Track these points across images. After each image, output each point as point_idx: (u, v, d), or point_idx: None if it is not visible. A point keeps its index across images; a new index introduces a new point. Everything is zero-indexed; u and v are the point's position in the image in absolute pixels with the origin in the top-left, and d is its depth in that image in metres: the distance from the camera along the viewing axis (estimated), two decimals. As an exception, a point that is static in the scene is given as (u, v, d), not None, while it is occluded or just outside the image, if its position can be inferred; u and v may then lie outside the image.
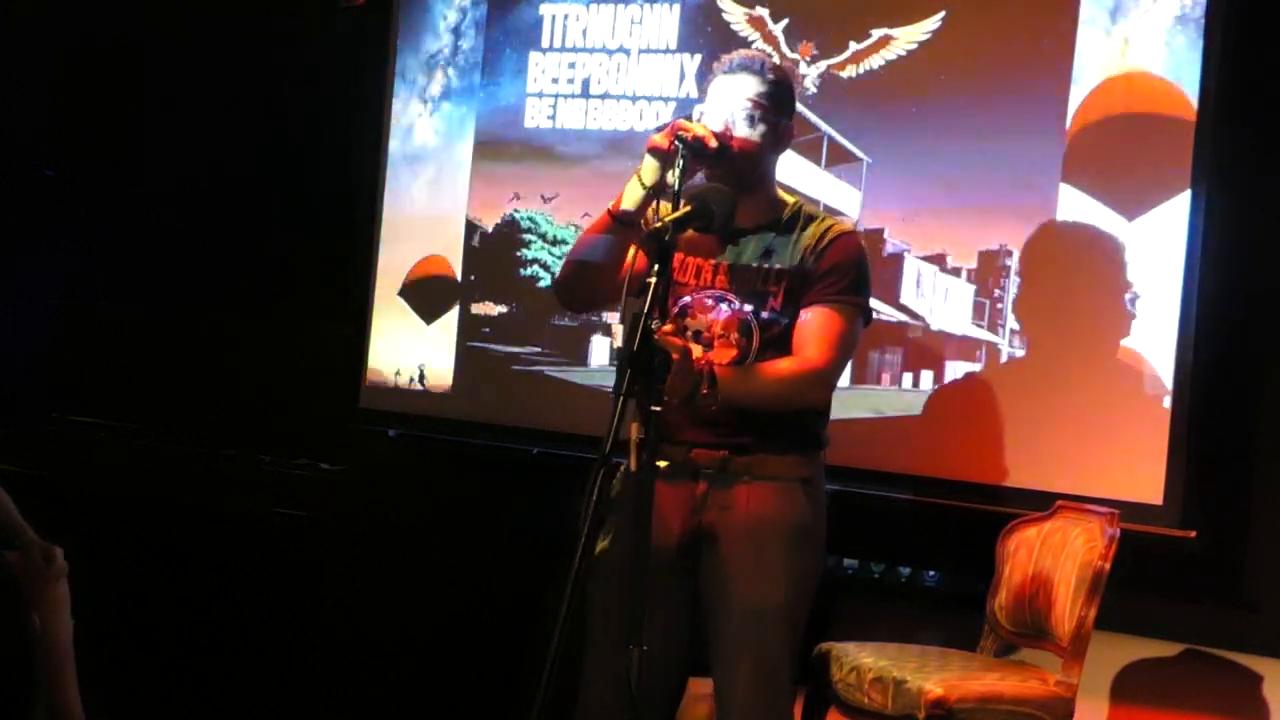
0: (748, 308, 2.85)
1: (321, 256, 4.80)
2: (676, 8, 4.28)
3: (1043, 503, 3.49)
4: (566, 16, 4.45)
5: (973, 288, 3.84)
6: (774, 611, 2.83)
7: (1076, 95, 3.74)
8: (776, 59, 3.16)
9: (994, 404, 3.78)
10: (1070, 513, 3.39)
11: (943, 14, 3.89)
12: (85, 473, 4.45)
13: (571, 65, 4.44)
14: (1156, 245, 3.63)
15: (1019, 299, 3.79)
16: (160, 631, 4.19)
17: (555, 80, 4.46)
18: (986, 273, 3.82)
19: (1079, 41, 3.75)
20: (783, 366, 2.82)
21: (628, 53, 4.35)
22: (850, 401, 3.89)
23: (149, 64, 5.07)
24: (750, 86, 2.87)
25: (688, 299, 2.89)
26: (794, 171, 3.92)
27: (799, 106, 3.93)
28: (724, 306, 2.87)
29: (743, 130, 2.85)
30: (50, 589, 3.31)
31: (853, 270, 2.88)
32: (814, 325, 2.84)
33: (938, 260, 3.88)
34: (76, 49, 5.07)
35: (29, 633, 3.14)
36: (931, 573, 3.94)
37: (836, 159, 4.01)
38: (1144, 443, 3.59)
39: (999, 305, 3.80)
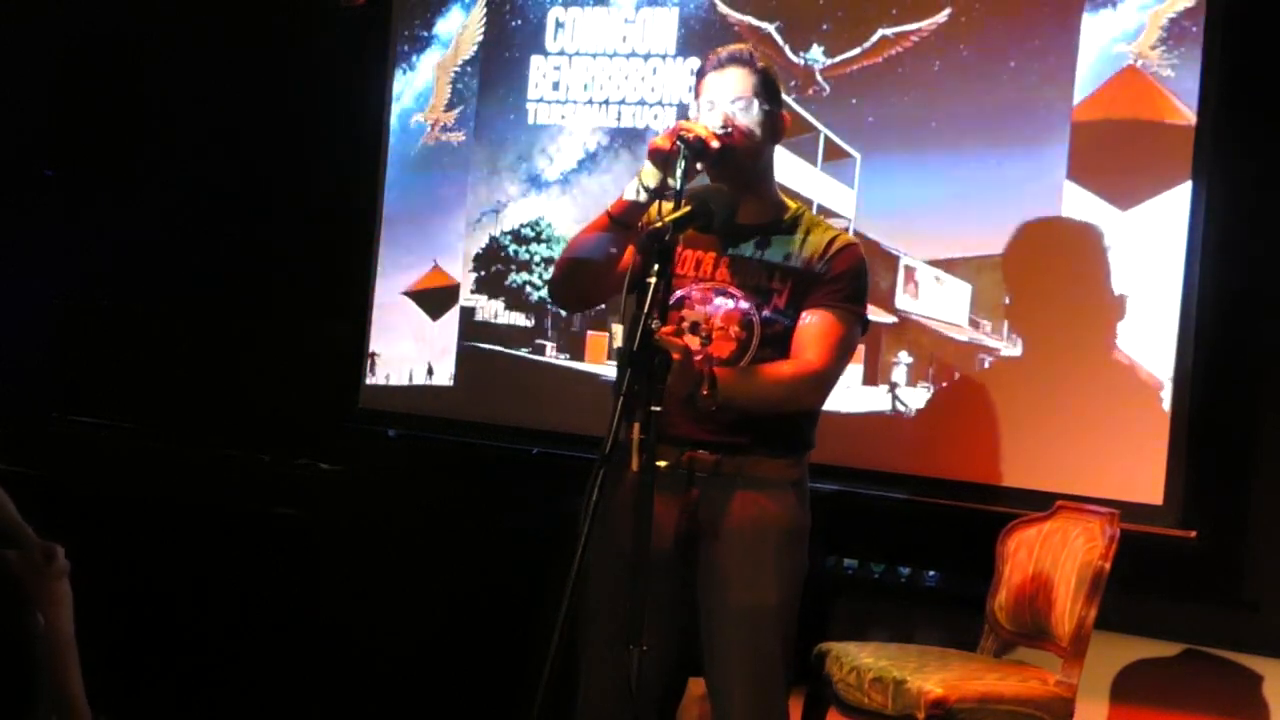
0: (749, 304, 2.85)
1: (321, 256, 4.80)
2: (675, 11, 4.28)
3: (1043, 503, 3.49)
4: (568, 19, 4.45)
5: (971, 287, 3.84)
6: (769, 612, 2.84)
7: (1078, 95, 3.74)
8: (768, 54, 3.15)
9: (994, 404, 3.78)
10: (1070, 513, 3.39)
11: (945, 13, 3.90)
12: (85, 472, 4.45)
13: (573, 68, 4.44)
14: (1156, 245, 3.63)
15: (1018, 298, 3.79)
16: (161, 630, 4.19)
17: (556, 85, 4.46)
18: (985, 272, 3.82)
19: (1081, 41, 3.75)
20: (783, 369, 2.83)
21: (628, 56, 4.36)
22: (850, 402, 3.89)
23: (148, 64, 5.07)
24: (742, 79, 2.87)
25: (685, 291, 2.89)
26: (791, 171, 3.93)
27: (796, 106, 3.96)
28: (724, 301, 2.87)
29: (740, 124, 2.85)
30: (52, 587, 3.31)
31: (856, 279, 2.90)
32: (815, 329, 2.84)
33: (935, 259, 3.88)
34: (75, 49, 5.07)
35: (33, 631, 3.14)
36: (931, 573, 3.94)
37: (832, 157, 4.02)
38: (1144, 443, 3.59)
39: (998, 305, 3.80)
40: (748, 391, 2.77)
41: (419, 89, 4.71)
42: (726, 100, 2.86)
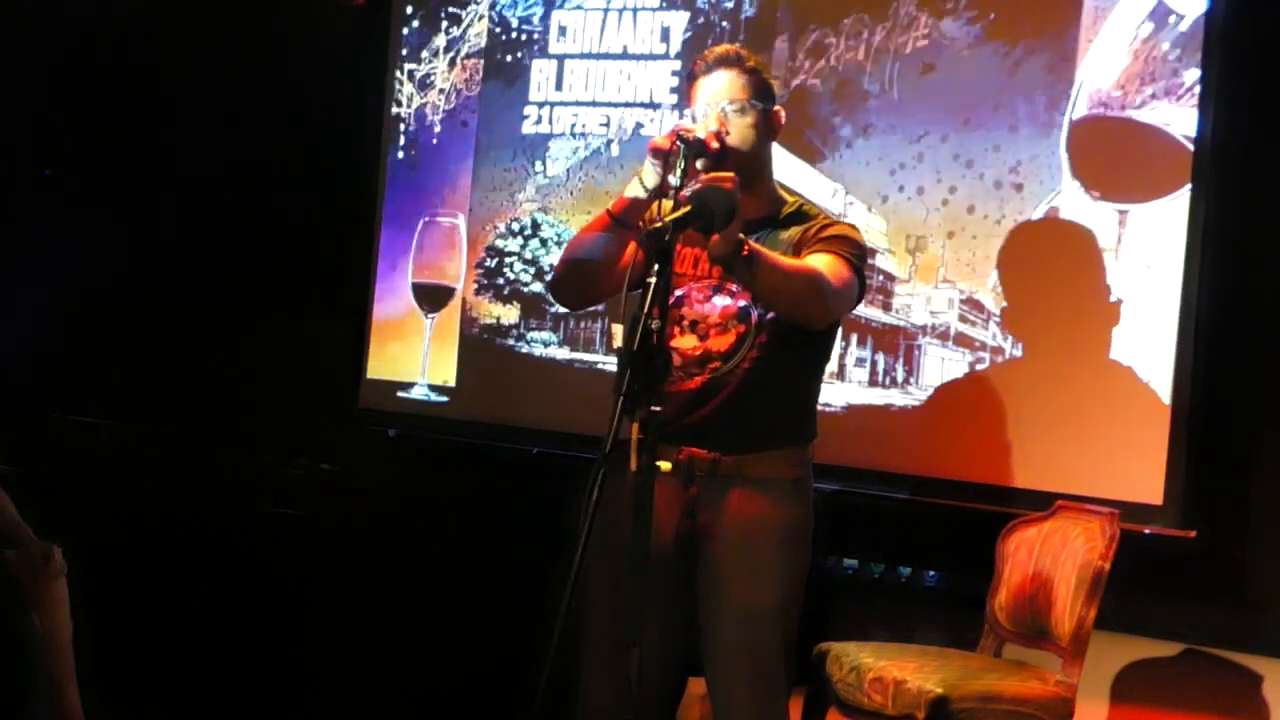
0: (748, 300, 2.85)
1: (321, 256, 4.80)
2: (684, 15, 4.28)
3: (1043, 503, 3.49)
4: (570, 22, 4.45)
5: (972, 286, 3.83)
6: (768, 613, 2.83)
7: (1079, 95, 3.74)
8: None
9: (994, 404, 3.78)
10: (1070, 513, 3.39)
11: (945, 9, 3.90)
12: (85, 472, 4.45)
13: (574, 69, 4.44)
14: (1156, 244, 3.63)
15: (1018, 299, 3.79)
16: (160, 631, 4.19)
17: (558, 87, 4.46)
18: (985, 272, 3.82)
19: (1081, 41, 3.74)
20: (810, 264, 2.78)
21: (629, 58, 4.36)
22: (849, 401, 3.90)
23: (148, 64, 5.07)
24: (732, 80, 2.88)
25: (684, 289, 2.89)
26: (782, 169, 3.92)
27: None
28: (723, 298, 2.87)
29: (736, 124, 2.86)
30: (49, 588, 3.30)
31: (857, 249, 2.88)
32: (823, 261, 2.79)
33: (934, 259, 3.88)
34: (76, 48, 5.07)
35: (28, 632, 3.14)
36: (931, 573, 3.94)
37: (819, 155, 4.03)
38: (1144, 443, 3.59)
39: (998, 305, 3.80)
40: (778, 263, 2.71)
41: (419, 88, 4.71)
42: (720, 103, 2.86)
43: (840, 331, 3.53)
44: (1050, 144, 3.76)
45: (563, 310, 4.26)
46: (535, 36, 4.51)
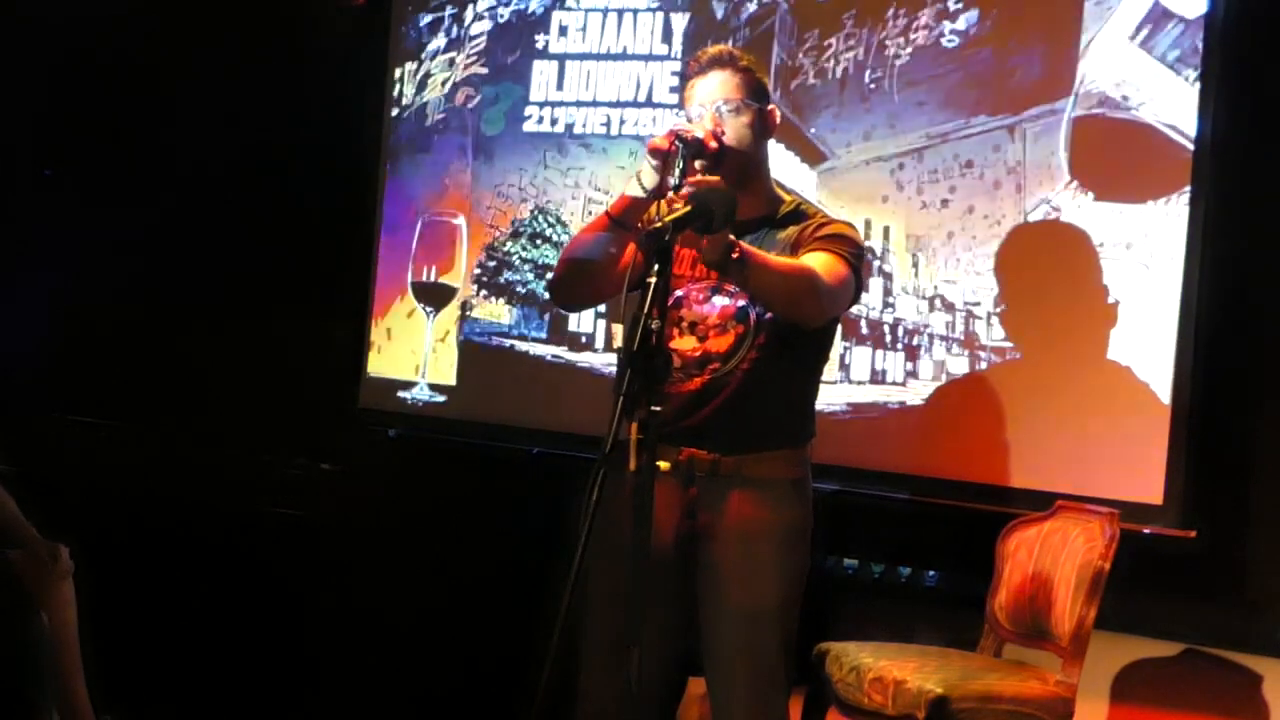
0: (747, 300, 2.85)
1: (321, 256, 4.80)
2: (684, 15, 4.28)
3: (1043, 503, 3.49)
4: (570, 22, 4.45)
5: (972, 286, 3.83)
6: (768, 613, 2.83)
7: (1078, 92, 3.74)
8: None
9: (994, 404, 3.78)
10: (1070, 513, 3.39)
11: (944, 9, 3.90)
12: (85, 472, 4.45)
13: (574, 70, 4.44)
14: (1157, 245, 3.63)
15: (1018, 299, 3.79)
16: (162, 630, 4.19)
17: (560, 87, 4.46)
18: (985, 272, 3.82)
19: (1082, 41, 3.74)
20: (806, 263, 2.79)
21: (629, 59, 4.36)
22: (850, 401, 3.90)
23: (148, 64, 5.07)
24: (726, 80, 2.89)
25: (682, 291, 2.89)
26: (779, 170, 3.93)
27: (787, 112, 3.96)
28: (721, 299, 2.87)
29: (732, 124, 2.86)
30: (57, 587, 3.31)
31: (854, 247, 2.88)
32: (819, 260, 2.80)
33: (933, 259, 3.88)
34: (76, 48, 5.07)
35: (37, 631, 3.15)
36: (931, 573, 3.94)
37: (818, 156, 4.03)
38: (1144, 443, 3.59)
39: (998, 305, 3.80)
40: (770, 262, 2.72)
41: (419, 88, 4.71)
42: (715, 103, 2.87)
43: (840, 331, 3.53)
44: (1050, 144, 3.76)
45: (563, 310, 4.27)
46: (535, 37, 4.51)
